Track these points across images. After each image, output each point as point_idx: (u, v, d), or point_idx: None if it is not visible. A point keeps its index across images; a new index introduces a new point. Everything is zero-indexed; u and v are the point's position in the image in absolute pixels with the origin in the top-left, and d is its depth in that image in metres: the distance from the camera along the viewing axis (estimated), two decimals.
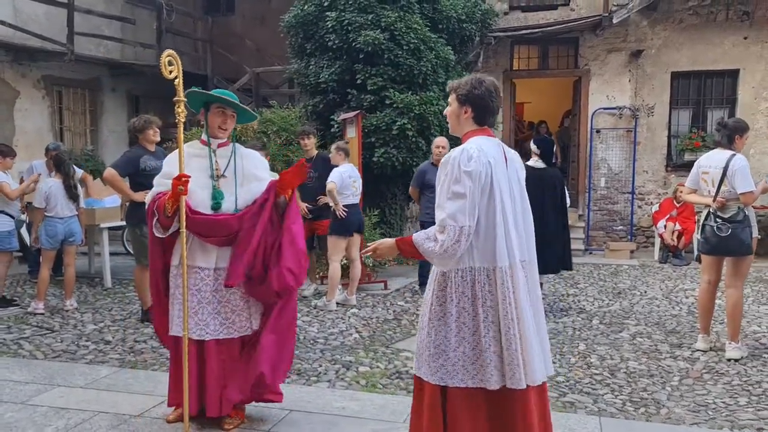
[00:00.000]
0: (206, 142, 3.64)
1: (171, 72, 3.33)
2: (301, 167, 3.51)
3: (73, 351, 5.28)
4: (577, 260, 10.12)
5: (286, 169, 3.60)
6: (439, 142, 7.33)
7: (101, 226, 7.95)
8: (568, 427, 3.70)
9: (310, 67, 9.44)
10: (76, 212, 6.72)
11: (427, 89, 9.04)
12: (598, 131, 11.38)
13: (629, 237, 11.30)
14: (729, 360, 5.05)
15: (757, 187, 5.14)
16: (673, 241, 9.91)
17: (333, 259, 6.79)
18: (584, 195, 11.54)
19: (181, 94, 3.41)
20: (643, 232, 11.34)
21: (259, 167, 3.72)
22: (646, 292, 7.80)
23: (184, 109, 3.43)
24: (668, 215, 10.19)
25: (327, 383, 4.52)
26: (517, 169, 2.89)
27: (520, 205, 2.84)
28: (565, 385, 4.54)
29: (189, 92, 3.57)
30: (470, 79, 2.86)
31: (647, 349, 5.41)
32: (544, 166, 6.66)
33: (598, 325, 6.18)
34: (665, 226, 10.03)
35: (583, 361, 5.07)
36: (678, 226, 9.93)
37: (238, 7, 15.08)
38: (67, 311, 6.61)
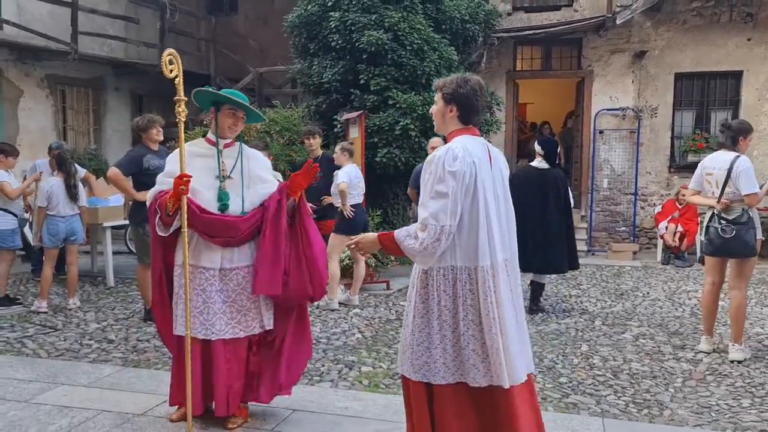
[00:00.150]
0: (213, 141, 3.64)
1: (171, 71, 3.33)
2: (311, 169, 3.52)
3: (77, 350, 5.29)
4: (580, 261, 10.07)
5: (296, 171, 3.62)
6: (434, 142, 7.29)
7: (104, 225, 7.96)
8: (571, 428, 3.70)
9: (313, 67, 9.45)
10: (77, 211, 6.73)
11: (430, 90, 9.03)
12: (601, 132, 11.37)
13: (632, 238, 11.29)
14: (732, 362, 5.04)
15: (761, 188, 5.14)
16: (675, 243, 9.90)
17: (332, 257, 6.79)
18: (587, 196, 11.53)
19: (181, 93, 3.39)
20: (645, 233, 11.33)
21: (263, 168, 3.74)
22: (648, 293, 7.79)
23: (184, 108, 3.42)
24: (670, 216, 10.19)
25: (330, 383, 4.53)
26: (501, 169, 2.91)
27: (503, 204, 2.86)
28: (568, 386, 4.54)
29: (199, 91, 3.58)
30: (456, 78, 2.88)
31: (650, 350, 5.40)
32: (548, 167, 6.67)
33: (600, 327, 6.17)
34: (666, 228, 10.04)
35: (586, 362, 5.07)
36: (680, 228, 9.93)
37: (241, 7, 15.09)
38: (70, 310, 6.62)
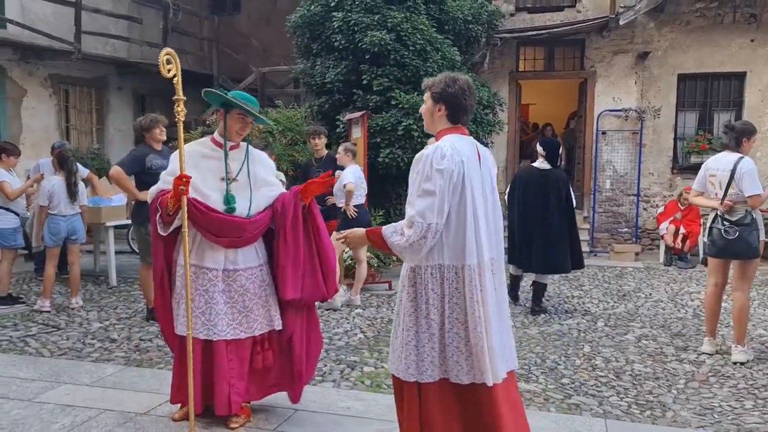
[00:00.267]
0: (219, 142, 3.64)
1: (170, 71, 3.31)
2: (327, 180, 3.54)
3: (79, 349, 5.30)
4: None
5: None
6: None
7: (107, 224, 7.97)
8: (574, 429, 3.70)
9: (316, 68, 9.45)
10: (78, 210, 6.74)
11: None
12: (604, 133, 11.36)
13: (634, 239, 11.28)
14: (735, 363, 5.03)
15: (765, 190, 5.13)
16: (674, 244, 9.90)
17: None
18: (589, 197, 11.52)
19: (180, 93, 3.39)
20: (648, 234, 11.31)
21: (269, 171, 3.76)
22: (651, 294, 7.78)
23: (183, 108, 3.42)
24: (672, 217, 10.19)
25: (332, 383, 4.53)
26: (489, 168, 2.93)
27: (491, 203, 2.88)
28: (571, 387, 4.53)
29: (210, 91, 3.59)
30: (444, 78, 2.90)
31: (653, 351, 5.40)
32: (549, 168, 6.69)
33: (603, 328, 6.17)
34: (667, 228, 10.04)
35: (588, 363, 5.07)
36: (683, 230, 9.92)
37: (244, 7, 15.11)
38: (73, 309, 6.63)
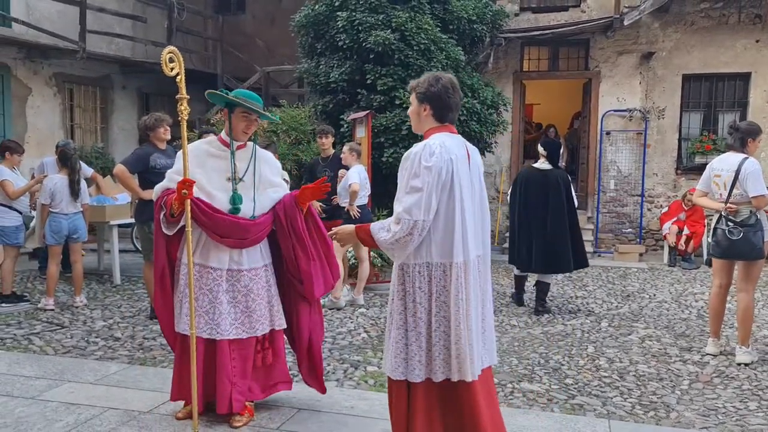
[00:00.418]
0: (226, 142, 3.64)
1: (172, 69, 3.30)
2: (322, 187, 3.53)
3: (83, 347, 5.31)
4: None
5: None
6: None
7: (111, 223, 7.98)
8: (577, 430, 3.69)
9: (320, 67, 9.45)
10: (80, 209, 6.75)
11: None
12: (608, 133, 11.34)
13: (638, 240, 11.26)
14: (739, 364, 5.02)
15: None
16: (674, 244, 9.88)
17: (336, 256, 6.79)
18: (593, 197, 11.50)
19: (183, 92, 3.39)
20: (652, 234, 11.29)
21: (275, 172, 3.76)
22: (655, 295, 7.77)
23: (186, 107, 3.42)
24: (676, 218, 10.17)
25: (335, 382, 4.53)
26: (478, 165, 2.96)
27: (479, 201, 2.91)
28: (574, 388, 4.53)
29: (213, 93, 3.58)
30: (428, 77, 2.93)
31: (656, 352, 5.38)
32: (550, 168, 6.72)
33: (606, 328, 6.16)
34: (670, 228, 10.04)
35: (592, 364, 5.06)
36: (687, 230, 9.91)
37: (248, 7, 15.12)
38: (77, 307, 6.65)
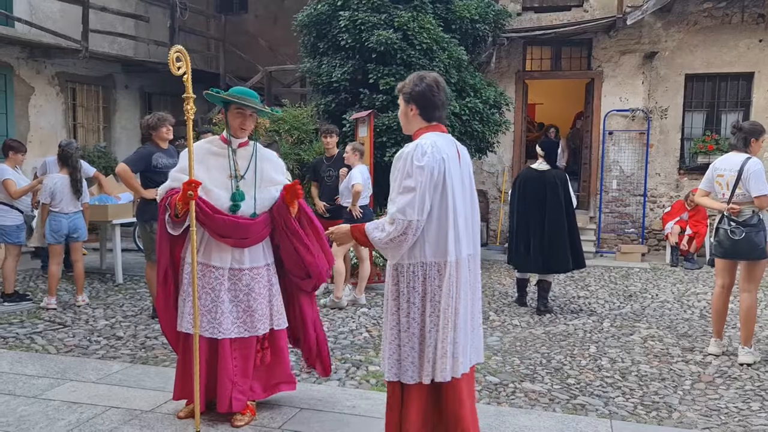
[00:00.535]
0: (227, 140, 3.65)
1: (179, 68, 3.31)
2: (296, 186, 3.50)
3: (85, 346, 5.32)
4: (588, 262, 10.03)
5: (287, 185, 3.62)
6: None
7: (113, 222, 7.99)
8: (579, 430, 3.68)
9: (323, 66, 9.45)
10: (80, 208, 6.75)
11: None
12: (611, 133, 11.33)
13: (641, 240, 11.25)
14: (741, 364, 5.01)
15: None
16: (684, 246, 9.87)
17: (337, 255, 6.80)
18: (596, 197, 11.49)
19: (189, 91, 3.39)
20: (654, 235, 11.27)
21: (278, 170, 3.74)
22: (657, 295, 7.76)
23: (193, 106, 3.42)
24: (678, 218, 10.16)
25: (337, 382, 4.53)
26: (468, 165, 2.98)
27: (469, 200, 2.93)
28: (576, 388, 4.52)
29: (208, 94, 3.59)
30: (412, 77, 2.94)
31: (659, 352, 5.38)
32: (548, 168, 6.76)
33: (609, 328, 6.15)
34: (672, 228, 10.02)
35: (594, 364, 5.05)
36: (689, 230, 9.90)
37: (251, 6, 15.13)
38: (79, 306, 6.66)
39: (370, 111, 8.34)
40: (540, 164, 6.82)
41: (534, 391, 4.44)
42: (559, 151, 7.01)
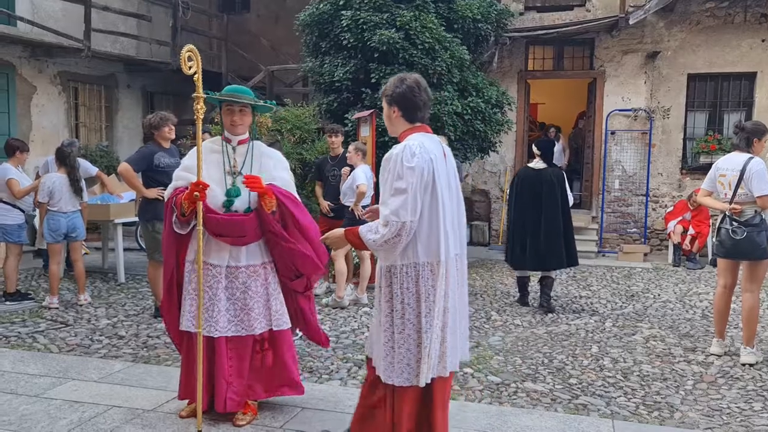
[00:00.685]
0: (227, 138, 3.68)
1: (190, 68, 3.33)
2: (251, 179, 3.46)
3: (87, 345, 5.32)
4: (590, 262, 10.10)
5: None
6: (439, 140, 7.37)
7: (115, 221, 7.99)
8: (581, 430, 3.68)
9: (325, 66, 9.45)
10: (79, 207, 6.75)
11: (442, 89, 9.02)
12: (613, 133, 11.32)
13: (643, 239, 11.23)
14: (744, 365, 5.00)
15: None
16: (686, 246, 9.86)
17: (338, 255, 6.80)
18: (598, 197, 11.48)
19: (200, 91, 3.40)
20: (657, 234, 11.26)
21: (279, 168, 3.71)
22: (659, 295, 7.75)
23: (203, 106, 3.43)
24: (681, 217, 10.14)
25: (339, 381, 4.53)
26: (453, 164, 3.00)
27: (456, 200, 2.94)
28: (578, 388, 4.52)
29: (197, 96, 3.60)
30: (393, 80, 2.97)
31: (661, 352, 5.37)
32: (544, 167, 6.83)
33: (611, 328, 6.14)
34: (674, 228, 10.01)
35: (596, 364, 5.05)
36: (692, 231, 9.88)
37: (253, 6, 15.13)
38: (81, 306, 6.66)
39: (372, 110, 8.33)
40: (537, 163, 6.88)
41: (536, 390, 4.44)
42: (558, 149, 7.04)
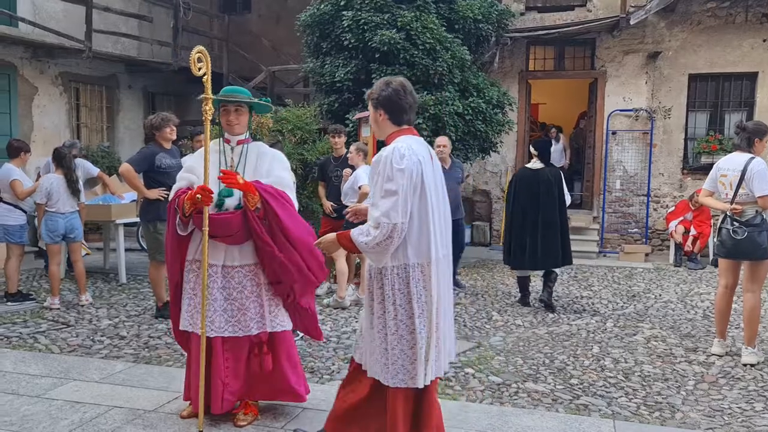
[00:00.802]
0: (226, 139, 3.69)
1: (200, 69, 3.33)
2: (224, 176, 3.41)
3: (88, 346, 5.32)
4: (591, 262, 10.10)
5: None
6: (440, 141, 7.53)
7: (117, 222, 8.00)
8: (582, 430, 3.68)
9: (326, 66, 9.46)
10: (77, 208, 6.75)
11: (443, 89, 9.02)
12: (614, 133, 11.32)
13: (644, 240, 11.23)
14: (745, 365, 5.00)
15: None
16: (688, 247, 9.85)
17: (339, 255, 6.80)
18: (599, 197, 11.47)
19: (209, 92, 3.41)
20: (658, 235, 11.26)
21: (276, 167, 3.67)
22: (660, 295, 7.74)
23: (211, 107, 3.43)
24: (682, 217, 10.14)
25: (340, 381, 4.51)
26: (439, 166, 3.04)
27: (442, 201, 2.96)
28: (579, 388, 4.51)
29: (198, 99, 3.60)
30: (379, 83, 2.99)
31: (662, 352, 5.37)
32: (542, 166, 6.85)
33: (612, 328, 6.14)
34: (675, 228, 10.01)
35: (597, 364, 5.04)
36: (693, 230, 9.88)
37: (254, 6, 15.13)
38: (82, 306, 6.66)
39: None
40: (534, 163, 6.91)
41: (537, 391, 4.44)
42: (559, 149, 7.04)
